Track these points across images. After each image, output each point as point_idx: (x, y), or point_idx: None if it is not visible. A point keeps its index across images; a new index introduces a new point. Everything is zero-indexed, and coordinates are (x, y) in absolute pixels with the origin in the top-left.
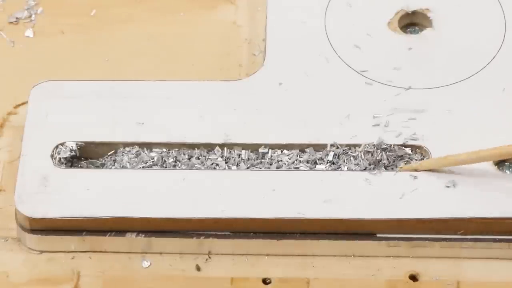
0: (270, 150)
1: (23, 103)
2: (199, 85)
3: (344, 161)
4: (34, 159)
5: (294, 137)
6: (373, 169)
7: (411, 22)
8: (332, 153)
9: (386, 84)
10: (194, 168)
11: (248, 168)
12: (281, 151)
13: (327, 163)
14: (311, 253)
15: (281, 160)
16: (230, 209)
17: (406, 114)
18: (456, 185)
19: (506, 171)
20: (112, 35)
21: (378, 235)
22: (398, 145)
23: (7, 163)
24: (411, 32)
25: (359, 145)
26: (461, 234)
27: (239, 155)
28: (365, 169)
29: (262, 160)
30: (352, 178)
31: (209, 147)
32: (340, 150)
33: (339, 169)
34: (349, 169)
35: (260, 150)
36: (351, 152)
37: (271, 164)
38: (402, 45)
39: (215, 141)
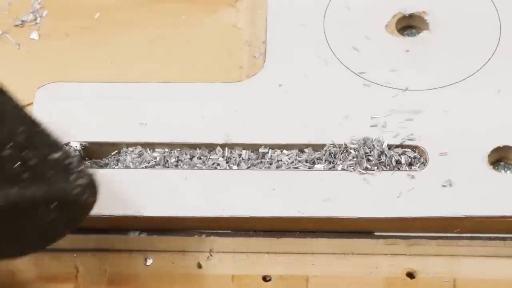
0: (270, 150)
1: (28, 104)
2: (200, 86)
3: (340, 160)
4: None
5: (294, 138)
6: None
7: (408, 25)
8: (328, 152)
9: (384, 86)
10: (195, 167)
11: (248, 167)
12: (281, 151)
13: (324, 162)
14: (310, 251)
15: (281, 160)
16: (231, 208)
17: (404, 114)
18: (452, 184)
19: (501, 170)
20: (116, 37)
21: (376, 234)
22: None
23: None
24: (408, 35)
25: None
26: (457, 232)
27: (240, 155)
28: (355, 164)
29: (262, 160)
30: (350, 178)
31: (211, 147)
32: (336, 149)
33: (334, 168)
34: (343, 168)
35: (260, 150)
36: (346, 152)
37: (271, 164)
38: (400, 47)
39: (216, 141)
